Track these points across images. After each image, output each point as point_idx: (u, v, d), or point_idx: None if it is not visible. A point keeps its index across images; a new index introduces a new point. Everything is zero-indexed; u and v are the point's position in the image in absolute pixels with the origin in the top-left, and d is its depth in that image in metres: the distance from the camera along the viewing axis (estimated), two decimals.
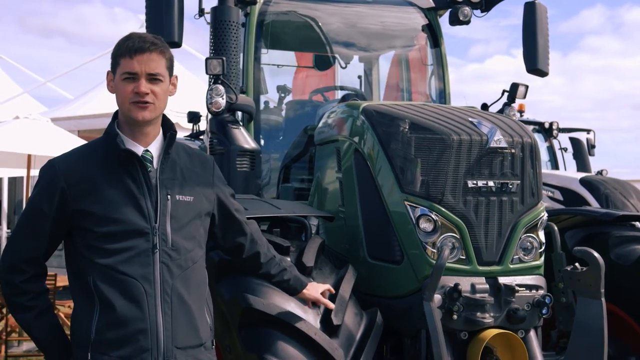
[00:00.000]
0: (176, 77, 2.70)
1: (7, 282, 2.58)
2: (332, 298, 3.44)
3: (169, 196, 2.58)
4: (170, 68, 2.64)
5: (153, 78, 2.56)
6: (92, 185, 2.52)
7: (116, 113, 2.68)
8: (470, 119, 3.88)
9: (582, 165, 12.65)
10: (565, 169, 12.36)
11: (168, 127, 2.69)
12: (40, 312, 2.59)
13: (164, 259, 2.54)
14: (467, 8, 5.60)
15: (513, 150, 3.78)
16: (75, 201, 2.51)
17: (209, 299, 2.73)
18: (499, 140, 3.75)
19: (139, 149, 2.60)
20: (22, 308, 2.59)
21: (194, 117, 7.67)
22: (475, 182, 3.71)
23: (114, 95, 2.63)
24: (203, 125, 7.17)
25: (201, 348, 2.62)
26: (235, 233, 2.89)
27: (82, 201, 2.51)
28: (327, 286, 3.25)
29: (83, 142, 9.47)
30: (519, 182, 3.78)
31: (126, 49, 2.54)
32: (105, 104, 12.28)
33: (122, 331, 2.47)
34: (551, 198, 9.74)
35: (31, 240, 2.58)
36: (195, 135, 7.25)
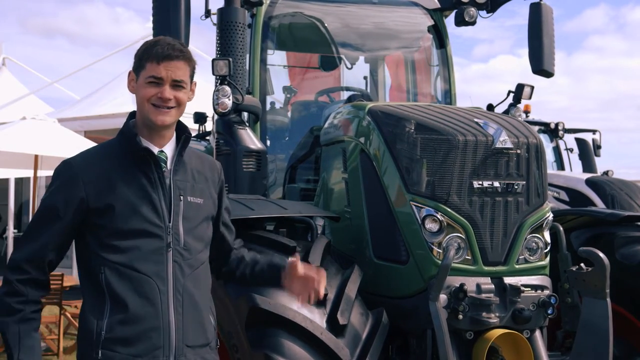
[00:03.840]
0: (195, 83, 2.73)
1: (6, 281, 2.54)
2: (339, 298, 3.46)
3: (181, 197, 2.62)
4: (192, 75, 2.67)
5: (177, 85, 2.59)
6: (108, 183, 2.54)
7: (131, 114, 2.71)
8: (476, 120, 3.89)
9: (588, 165, 12.63)
10: (571, 170, 12.35)
11: (182, 130, 2.72)
12: (25, 319, 2.51)
13: (176, 257, 2.56)
14: (472, 9, 5.62)
15: (518, 151, 3.80)
16: (92, 199, 2.52)
17: (211, 300, 2.76)
18: (504, 140, 3.76)
19: (154, 149, 2.63)
20: (7, 310, 2.50)
21: (200, 118, 7.70)
22: (480, 182, 3.72)
23: (132, 95, 2.66)
24: (209, 126, 7.19)
25: (207, 348, 2.65)
26: (218, 245, 2.87)
27: (98, 199, 2.52)
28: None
29: (90, 142, 9.52)
30: (524, 182, 3.79)
31: (154, 54, 2.56)
32: (112, 104, 12.32)
33: (135, 328, 2.48)
34: (557, 199, 9.74)
35: (38, 240, 2.56)
36: (201, 136, 7.26)
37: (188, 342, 2.55)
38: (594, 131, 12.75)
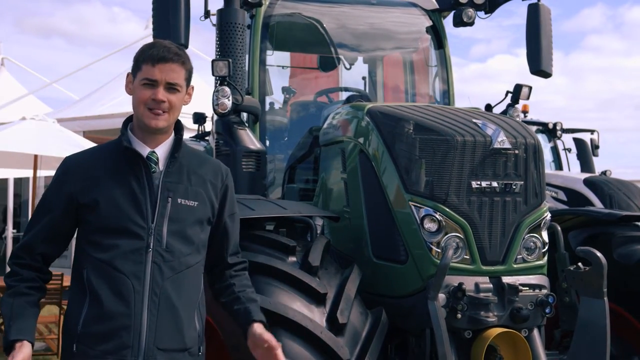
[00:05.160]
0: (192, 87, 2.76)
1: (8, 269, 2.66)
2: (338, 297, 3.48)
3: (169, 199, 2.63)
4: (188, 79, 2.70)
5: (171, 87, 2.62)
6: (96, 181, 2.60)
7: (130, 117, 2.75)
8: (474, 120, 3.91)
9: (586, 165, 12.65)
10: (569, 170, 12.37)
11: (178, 131, 2.74)
12: (18, 292, 2.58)
13: (156, 259, 2.57)
14: (471, 10, 5.63)
15: (517, 151, 3.82)
16: (80, 195, 2.59)
17: (202, 306, 2.74)
18: (502, 141, 3.78)
19: (145, 150, 2.66)
20: (6, 289, 2.62)
21: (199, 118, 7.72)
22: (479, 182, 3.74)
23: (131, 96, 2.70)
24: (208, 126, 7.21)
25: (185, 353, 2.63)
26: (213, 253, 2.82)
27: (86, 195, 2.58)
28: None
29: (89, 142, 9.53)
30: (522, 182, 3.81)
31: (150, 56, 2.61)
32: (111, 105, 12.33)
33: (107, 325, 2.51)
34: (555, 198, 9.77)
35: (31, 231, 2.66)
36: (200, 136, 7.27)
37: (160, 345, 2.55)
38: (592, 131, 12.77)
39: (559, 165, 12.35)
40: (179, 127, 2.76)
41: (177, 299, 2.59)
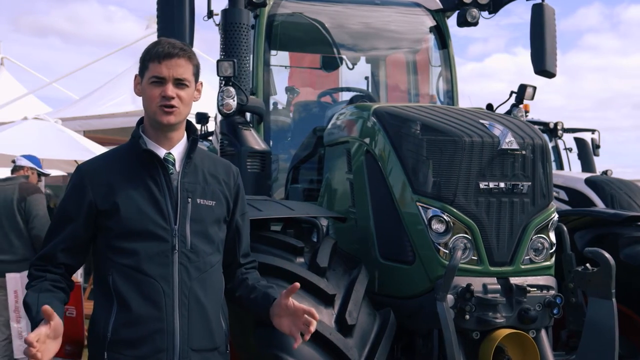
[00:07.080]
0: (201, 83, 2.75)
1: (28, 275, 2.64)
2: (346, 298, 3.47)
3: (189, 199, 2.63)
4: (196, 74, 2.69)
5: (180, 83, 2.62)
6: (115, 186, 2.58)
7: (141, 119, 2.75)
8: (481, 121, 3.90)
9: (587, 165, 12.65)
10: (570, 169, 12.37)
11: (191, 132, 2.74)
12: (44, 289, 2.54)
13: (182, 260, 2.57)
14: (475, 10, 5.63)
15: (524, 152, 3.81)
16: (100, 202, 2.57)
17: (224, 305, 2.76)
18: (510, 142, 3.78)
19: (161, 152, 2.65)
20: (29, 289, 2.58)
21: (202, 118, 7.72)
22: (486, 183, 3.74)
23: (135, 95, 2.72)
24: (211, 126, 7.19)
25: (215, 352, 2.65)
26: (226, 252, 2.82)
27: (105, 201, 2.57)
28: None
29: (89, 141, 9.51)
30: (530, 183, 3.81)
31: (155, 54, 2.60)
32: (111, 104, 12.31)
33: (139, 331, 2.50)
34: (556, 198, 9.75)
35: (50, 242, 2.63)
36: (203, 136, 7.27)
37: (193, 346, 2.56)
38: (592, 131, 12.78)
39: (560, 165, 12.34)
40: (192, 128, 2.76)
41: (204, 299, 2.61)
